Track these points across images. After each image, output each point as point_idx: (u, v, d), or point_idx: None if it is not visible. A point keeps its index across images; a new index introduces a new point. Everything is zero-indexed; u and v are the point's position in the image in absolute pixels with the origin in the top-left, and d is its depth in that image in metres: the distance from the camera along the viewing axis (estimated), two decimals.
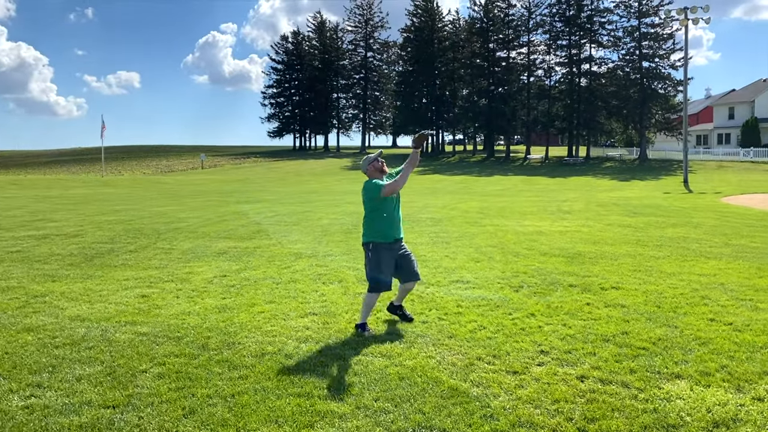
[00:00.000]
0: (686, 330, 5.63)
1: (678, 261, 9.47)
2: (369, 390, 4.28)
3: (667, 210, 19.55)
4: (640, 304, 6.66)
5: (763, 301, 6.72)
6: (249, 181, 49.42)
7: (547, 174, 52.35)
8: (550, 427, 3.68)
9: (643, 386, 4.30)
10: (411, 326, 5.83)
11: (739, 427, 3.66)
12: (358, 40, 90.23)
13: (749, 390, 4.23)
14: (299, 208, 21.06)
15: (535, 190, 34.62)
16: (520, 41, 72.53)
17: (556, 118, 70.68)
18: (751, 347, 5.12)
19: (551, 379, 4.44)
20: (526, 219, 16.45)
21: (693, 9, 38.43)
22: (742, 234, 12.79)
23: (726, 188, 33.66)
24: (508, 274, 8.49)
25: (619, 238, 12.30)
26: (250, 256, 10.18)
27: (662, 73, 63.11)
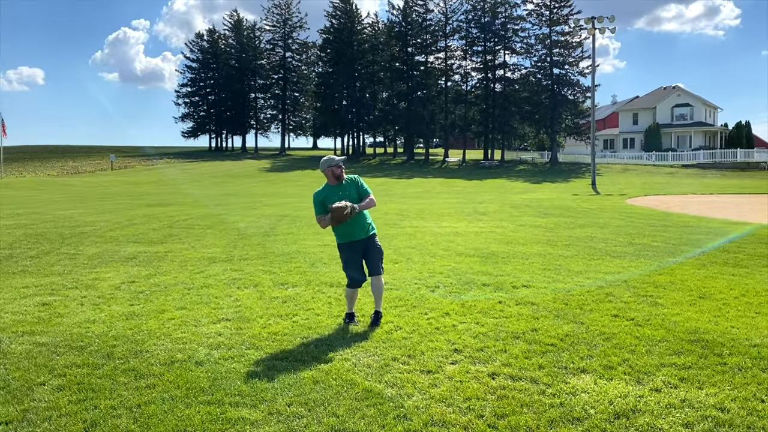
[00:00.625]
0: (592, 326, 5.87)
1: (585, 260, 9.88)
2: (282, 395, 4.20)
3: (575, 211, 20.41)
4: (549, 301, 6.90)
5: (662, 297, 7.11)
6: (162, 182, 47.80)
7: (464, 176, 53.55)
8: (461, 424, 3.74)
9: (550, 381, 4.44)
10: (327, 329, 5.79)
11: (638, 417, 3.84)
12: (276, 39, 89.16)
13: (648, 382, 4.45)
14: (214, 210, 20.55)
15: (453, 192, 35.34)
16: (437, 46, 73.95)
17: (473, 123, 72.47)
18: (651, 341, 5.39)
19: (464, 377, 4.51)
20: (443, 220, 16.74)
21: (600, 19, 40.39)
22: (645, 234, 13.51)
23: (630, 190, 35.53)
24: (425, 274, 8.59)
25: (531, 238, 12.72)
26: (161, 261, 9.82)
27: (572, 80, 65.99)
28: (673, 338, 5.44)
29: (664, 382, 4.42)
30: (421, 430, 3.67)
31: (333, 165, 5.94)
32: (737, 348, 5.16)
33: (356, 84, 79.35)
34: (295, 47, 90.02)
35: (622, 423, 3.76)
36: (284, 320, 6.13)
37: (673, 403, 4.04)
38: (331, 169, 5.93)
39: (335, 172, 5.93)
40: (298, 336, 5.58)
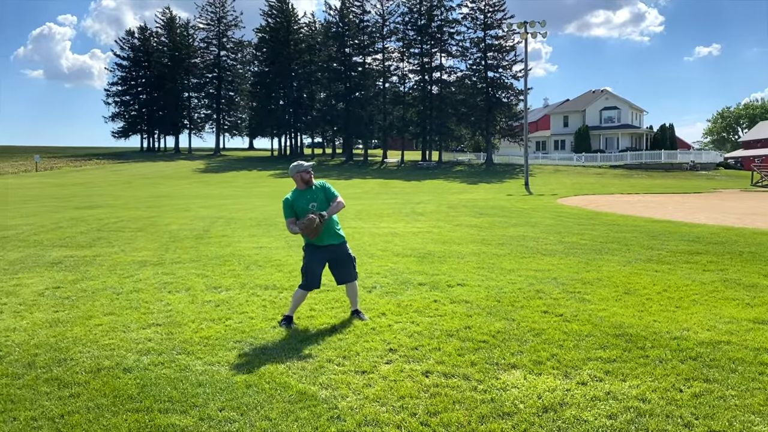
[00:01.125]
0: (522, 322, 6.03)
1: (517, 258, 10.13)
2: (214, 400, 4.13)
3: (509, 211, 20.88)
4: (482, 299, 7.04)
5: (589, 293, 7.36)
6: (91, 184, 46.06)
7: (402, 177, 53.94)
8: (394, 423, 3.77)
9: (482, 378, 4.54)
10: (261, 333, 5.72)
11: (565, 411, 3.97)
12: (211, 38, 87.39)
13: (575, 375, 4.60)
14: (146, 213, 19.95)
15: (392, 192, 35.55)
16: (375, 47, 74.13)
17: (411, 124, 73.02)
18: (578, 336, 5.58)
19: (398, 377, 4.55)
20: (381, 221, 16.81)
21: (531, 23, 41.47)
22: (574, 232, 13.96)
23: (561, 190, 36.64)
24: (362, 275, 8.59)
25: (466, 237, 12.93)
26: (89, 266, 9.47)
27: (506, 83, 67.46)
28: (600, 333, 5.65)
29: (590, 376, 4.58)
30: (355, 430, 3.68)
31: (302, 170, 6.08)
32: (658, 341, 5.40)
33: (293, 84, 78.72)
34: (230, 46, 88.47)
35: (550, 416, 3.88)
36: (217, 324, 6.02)
37: (599, 396, 4.19)
38: (300, 175, 6.09)
39: (304, 177, 6.08)
40: (231, 340, 5.49)
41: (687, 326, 5.86)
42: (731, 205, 24.00)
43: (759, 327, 5.79)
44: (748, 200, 28.01)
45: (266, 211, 20.25)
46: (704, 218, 17.79)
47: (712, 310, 6.47)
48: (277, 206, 22.62)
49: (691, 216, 18.63)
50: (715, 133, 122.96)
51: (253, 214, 19.29)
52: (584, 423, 3.78)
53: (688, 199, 28.50)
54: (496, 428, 3.70)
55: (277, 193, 33.32)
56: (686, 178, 50.21)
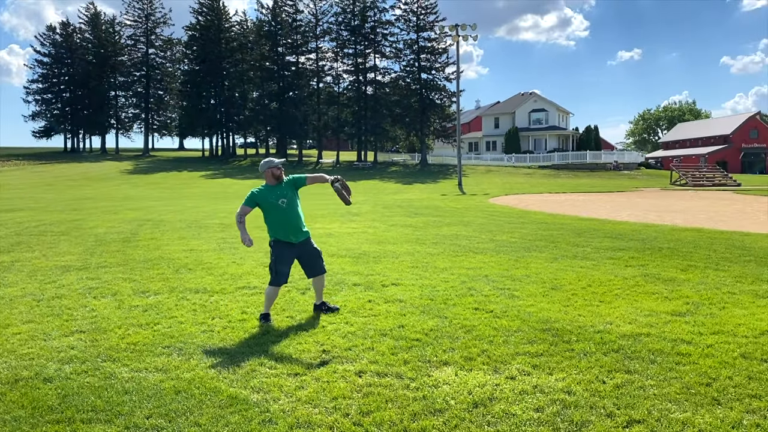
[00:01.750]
0: (454, 320, 6.13)
1: (450, 257, 10.29)
2: (141, 408, 4.01)
3: (443, 210, 21.19)
4: (416, 298, 7.12)
5: (518, 289, 7.56)
6: (9, 186, 43.79)
7: None
8: (327, 424, 3.76)
9: (414, 375, 4.59)
10: (191, 337, 5.59)
11: (495, 405, 4.06)
12: (138, 35, 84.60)
13: (504, 370, 4.72)
14: (69, 216, 19.14)
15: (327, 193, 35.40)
16: (308, 47, 73.70)
17: (346, 124, 72.97)
18: (507, 331, 5.72)
19: (331, 378, 4.54)
20: (316, 222, 16.71)
21: (463, 26, 42.22)
22: (504, 230, 14.30)
23: (493, 190, 37.46)
24: (295, 277, 8.51)
25: (401, 237, 13.04)
26: (7, 272, 9.01)
27: (438, 85, 68.40)
28: (528, 328, 5.81)
29: (519, 370, 4.70)
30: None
31: (273, 167, 6.22)
32: (583, 334, 5.60)
33: (225, 83, 77.18)
34: (158, 44, 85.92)
35: (480, 411, 3.96)
36: (145, 330, 5.84)
37: (526, 390, 4.31)
38: (272, 171, 6.21)
39: (275, 173, 6.23)
40: (160, 345, 5.34)
41: (610, 320, 6.11)
42: (652, 203, 25.17)
43: (676, 319, 6.10)
44: (667, 198, 29.45)
45: (197, 213, 19.80)
46: (626, 216, 18.58)
47: (634, 304, 6.77)
48: (211, 207, 22.16)
49: (614, 214, 19.42)
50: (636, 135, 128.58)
51: (183, 216, 18.82)
52: (513, 417, 3.88)
53: (611, 198, 29.68)
54: (428, 425, 3.75)
55: (209, 195, 32.63)
56: (610, 178, 52.30)
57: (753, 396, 4.15)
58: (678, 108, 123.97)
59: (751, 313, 6.31)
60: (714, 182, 45.06)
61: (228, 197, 30.68)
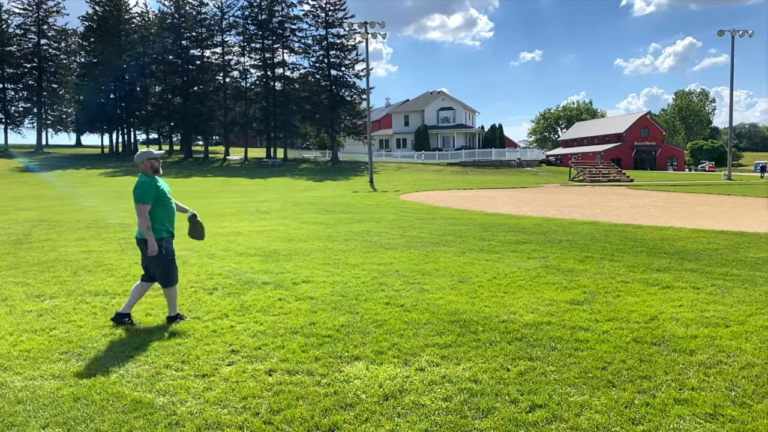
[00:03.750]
0: (366, 315, 6.18)
1: (362, 253, 10.35)
2: (36, 417, 3.79)
3: (355, 207, 21.26)
4: (327, 294, 7.11)
5: (428, 283, 7.72)
6: None
7: (246, 175, 52.79)
8: (237, 424, 3.70)
9: (326, 372, 4.59)
10: (92, 341, 5.33)
11: (405, 397, 4.13)
12: (29, 24, 79.17)
13: (414, 362, 4.81)
14: None
15: (235, 191, 34.65)
16: (214, 41, 71.70)
17: (254, 120, 71.64)
18: (417, 324, 5.83)
19: (240, 377, 4.47)
20: (224, 220, 16.34)
21: (372, 24, 42.47)
22: (415, 226, 14.54)
23: (404, 187, 37.96)
24: (202, 276, 8.33)
25: (312, 234, 12.98)
26: None
27: (348, 82, 68.47)
28: (437, 320, 5.95)
29: (428, 362, 4.81)
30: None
31: (153, 158, 5.87)
32: (489, 325, 5.80)
33: (125, 76, 73.77)
34: (51, 34, 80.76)
35: (391, 404, 4.02)
36: (39, 335, 5.51)
37: (435, 380, 4.42)
38: (151, 162, 5.87)
39: (154, 165, 5.88)
40: (57, 351, 5.06)
41: (514, 310, 6.36)
42: (552, 198, 26.37)
43: (575, 308, 6.43)
44: (566, 194, 30.94)
45: (97, 213, 18.85)
46: (529, 211, 19.37)
47: (536, 294, 7.07)
48: (111, 206, 21.14)
49: (517, 209, 20.19)
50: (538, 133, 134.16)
51: (81, 215, 17.86)
52: (422, 407, 3.96)
53: (515, 194, 30.83)
54: (339, 420, 3.77)
55: (108, 193, 31.13)
56: (514, 174, 54.29)
57: (643, 377, 4.44)
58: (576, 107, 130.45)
59: (643, 300, 6.75)
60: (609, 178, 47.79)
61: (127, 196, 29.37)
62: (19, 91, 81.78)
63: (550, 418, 3.82)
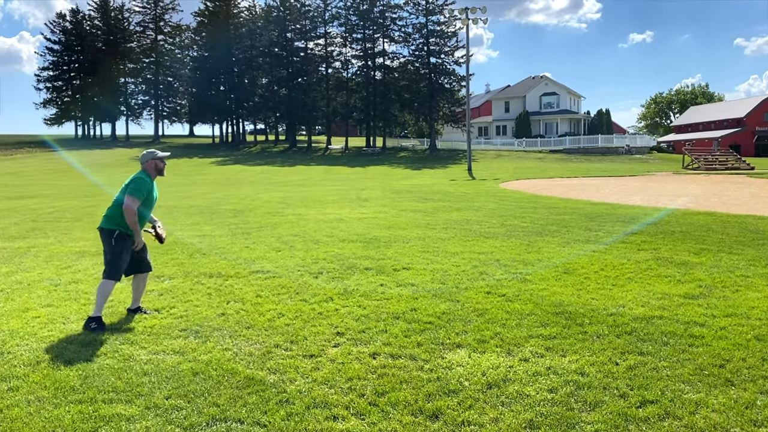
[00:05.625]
0: (467, 303, 6.17)
1: (461, 241, 10.31)
2: (160, 389, 4.08)
3: (453, 195, 21.17)
4: (427, 282, 7.16)
5: (530, 274, 7.58)
6: (23, 174, 44.12)
7: (347, 164, 53.82)
8: (343, 404, 3.82)
9: (428, 357, 4.63)
10: (207, 320, 5.66)
11: (509, 386, 4.10)
12: (147, 21, 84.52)
13: (517, 353, 4.76)
14: (83, 202, 19.30)
15: (336, 179, 35.43)
16: (317, 32, 73.35)
17: (354, 110, 72.79)
18: (520, 315, 5.75)
19: (346, 359, 4.60)
20: (327, 207, 16.77)
21: (473, 9, 41.85)
22: (516, 215, 14.29)
23: (503, 175, 37.33)
24: (308, 261, 8.60)
25: (411, 222, 13.07)
26: (23, 257, 9.13)
27: (448, 69, 68.01)
28: (540, 311, 5.84)
29: (532, 352, 4.74)
30: (304, 413, 3.71)
31: (157, 158, 5.75)
32: (596, 317, 5.63)
33: (234, 69, 77.06)
34: (167, 30, 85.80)
35: (494, 392, 4.01)
36: (160, 313, 5.92)
37: (540, 371, 4.35)
38: (155, 162, 5.76)
39: (159, 166, 5.79)
40: (176, 329, 5.42)
41: (623, 303, 6.12)
42: (663, 187, 25.03)
43: (689, 302, 6.11)
44: (679, 182, 29.26)
45: (209, 199, 19.90)
46: (638, 200, 18.50)
47: (646, 287, 6.78)
48: (222, 193, 22.24)
49: (626, 198, 19.34)
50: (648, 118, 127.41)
51: (195, 201, 18.93)
52: (527, 397, 3.92)
53: (623, 182, 29.52)
54: (443, 405, 3.80)
55: (218, 181, 32.74)
56: (622, 162, 51.95)
57: (767, 377, 4.17)
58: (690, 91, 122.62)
59: (765, 296, 6.31)
60: (727, 166, 44.68)
61: (238, 183, 30.78)
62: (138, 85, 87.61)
63: (662, 414, 3.67)
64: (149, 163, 5.75)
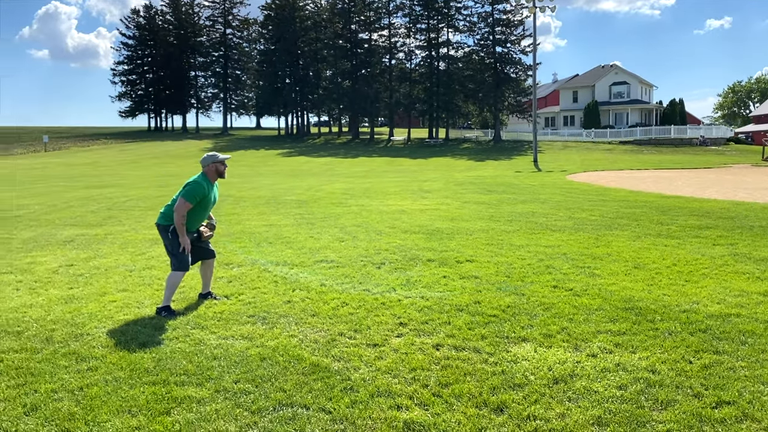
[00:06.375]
0: (532, 297, 6.06)
1: (526, 234, 10.14)
2: (229, 372, 4.20)
3: (518, 187, 20.83)
4: (491, 274, 7.07)
5: (598, 268, 7.38)
6: (99, 164, 46.20)
7: (409, 155, 53.78)
8: (407, 394, 3.83)
9: (492, 350, 4.58)
10: (274, 307, 5.78)
11: (576, 382, 4.01)
12: (216, 16, 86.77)
13: (585, 348, 4.64)
14: (155, 192, 20.04)
15: (398, 170, 35.46)
16: (381, 23, 73.45)
17: (417, 101, 72.59)
18: (588, 310, 5.61)
19: (409, 349, 4.60)
20: (389, 199, 16.82)
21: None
22: (584, 208, 13.93)
23: (570, 166, 36.46)
24: (371, 251, 8.65)
25: (475, 214, 12.94)
26: (101, 244, 9.56)
27: (514, 58, 66.83)
28: (609, 306, 5.68)
29: (600, 348, 4.62)
30: (368, 400, 3.73)
31: (218, 161, 5.81)
32: (668, 314, 5.43)
33: (299, 62, 78.21)
34: (235, 24, 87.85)
35: (561, 387, 3.92)
36: (229, 299, 6.09)
37: (608, 367, 4.23)
38: (216, 166, 5.82)
39: (219, 168, 5.85)
40: (244, 315, 5.56)
41: (696, 299, 5.88)
42: (741, 180, 23.85)
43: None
44: (758, 175, 27.82)
45: (275, 190, 20.30)
46: (714, 193, 17.70)
47: (722, 284, 6.48)
48: (287, 184, 22.64)
49: (701, 191, 18.54)
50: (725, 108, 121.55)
51: (261, 192, 19.35)
52: (594, 393, 3.82)
53: (697, 175, 28.32)
54: (508, 399, 3.75)
55: (284, 172, 33.33)
56: (696, 154, 49.83)
57: None
58: None
59: None
60: None
61: (302, 174, 31.26)
62: (208, 78, 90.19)
63: (739, 416, 3.50)
64: (210, 166, 5.82)
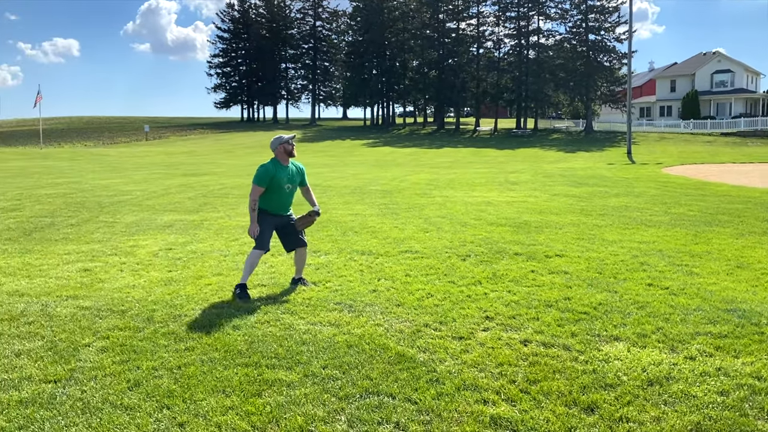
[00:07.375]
0: (625, 295, 5.84)
1: (619, 229, 9.77)
2: (317, 358, 4.30)
3: (610, 180, 20.09)
4: (582, 270, 6.86)
5: (697, 266, 7.01)
6: (195, 153, 48.35)
7: (495, 146, 52.98)
8: (493, 389, 3.78)
9: (583, 349, 4.45)
10: (360, 296, 5.86)
11: (672, 385, 3.83)
12: (307, 8, 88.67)
13: (682, 350, 4.42)
14: (247, 180, 20.74)
15: (484, 161, 35.03)
16: (469, 12, 72.59)
17: (505, 90, 71.32)
18: (685, 310, 5.35)
19: (495, 344, 4.54)
20: (474, 190, 16.65)
21: None
22: (681, 203, 13.26)
23: (667, 159, 34.78)
24: (455, 243, 8.60)
25: (564, 207, 12.59)
26: (197, 229, 10.01)
27: (607, 46, 64.39)
28: (709, 307, 5.39)
29: (699, 351, 4.39)
30: (454, 393, 3.72)
31: (284, 142, 5.93)
32: None
33: (386, 53, 78.59)
34: (325, 16, 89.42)
35: (656, 390, 3.76)
36: (317, 286, 6.23)
37: (708, 372, 4.02)
38: (284, 146, 5.94)
39: (287, 148, 5.95)
40: (332, 302, 5.67)
41: None
42: None
43: None
44: None
45: (360, 180, 20.54)
46: None
47: None
48: (372, 174, 22.87)
49: None
50: None
51: (347, 182, 19.63)
52: (693, 398, 3.64)
53: None
54: (599, 399, 3.63)
55: (369, 162, 33.65)
56: None
57: None
58: None
59: None
60: None
61: (387, 164, 31.46)
62: (297, 70, 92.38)
63: None
64: (278, 148, 5.97)
